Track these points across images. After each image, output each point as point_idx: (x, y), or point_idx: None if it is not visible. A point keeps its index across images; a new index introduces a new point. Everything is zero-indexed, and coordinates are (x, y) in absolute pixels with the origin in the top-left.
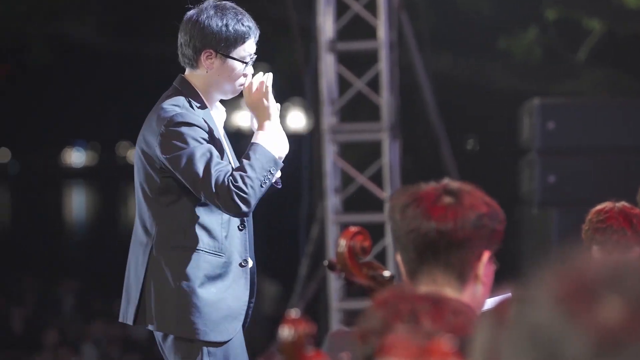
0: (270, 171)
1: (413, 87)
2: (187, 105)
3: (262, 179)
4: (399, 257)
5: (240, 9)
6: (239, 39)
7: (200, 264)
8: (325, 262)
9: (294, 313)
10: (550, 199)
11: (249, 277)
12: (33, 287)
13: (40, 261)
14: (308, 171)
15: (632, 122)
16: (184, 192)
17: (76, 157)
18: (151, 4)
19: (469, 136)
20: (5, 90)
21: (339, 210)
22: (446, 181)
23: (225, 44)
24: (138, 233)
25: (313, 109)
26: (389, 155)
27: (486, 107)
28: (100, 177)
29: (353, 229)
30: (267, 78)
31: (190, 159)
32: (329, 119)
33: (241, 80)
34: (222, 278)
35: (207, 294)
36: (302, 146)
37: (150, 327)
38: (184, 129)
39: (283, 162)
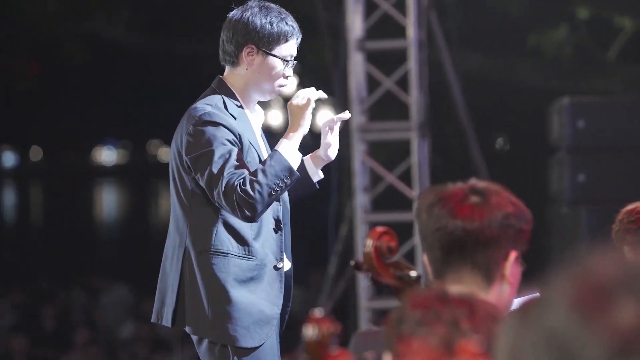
0: (283, 179)
1: (442, 86)
2: (221, 104)
3: (274, 186)
4: (425, 258)
5: (284, 10)
6: (282, 37)
7: (229, 268)
8: (352, 263)
9: (318, 312)
10: (580, 197)
11: (284, 280)
12: (64, 285)
13: (72, 259)
14: (337, 170)
15: None
16: None
17: (107, 155)
18: (182, 3)
19: (499, 135)
20: (36, 89)
21: (367, 209)
22: (473, 181)
23: (267, 41)
24: (172, 234)
25: (342, 108)
26: (418, 154)
27: (516, 105)
28: (131, 176)
29: (379, 229)
30: (317, 95)
31: (209, 159)
32: (357, 118)
33: (281, 81)
34: (255, 281)
35: (238, 298)
36: None
37: (187, 330)
38: (208, 129)
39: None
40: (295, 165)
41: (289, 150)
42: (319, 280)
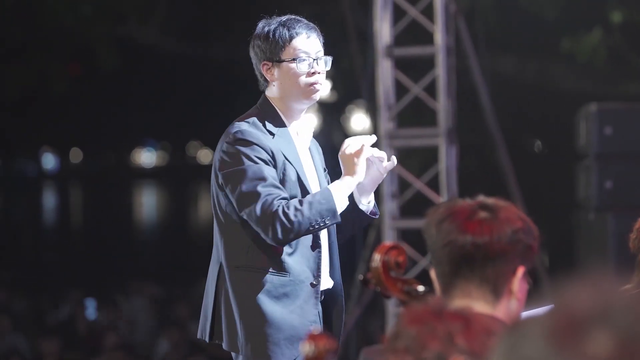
0: (324, 220)
1: (472, 91)
2: (258, 122)
3: (314, 223)
4: (433, 273)
5: (291, 16)
6: (284, 40)
7: (262, 284)
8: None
9: (315, 329)
10: (607, 204)
11: (319, 297)
12: (99, 289)
13: (109, 262)
14: None
15: None
16: None
17: (146, 157)
18: (216, 7)
19: (533, 138)
20: (76, 91)
21: (395, 215)
22: (481, 197)
23: (274, 51)
24: (214, 249)
25: (370, 114)
26: (446, 160)
27: (550, 109)
28: (170, 177)
29: (387, 243)
30: (369, 140)
31: (240, 177)
32: (385, 125)
33: (306, 80)
34: (288, 297)
35: (270, 314)
36: None
37: (223, 345)
38: (241, 147)
39: None
40: (339, 209)
41: (340, 192)
42: (347, 287)
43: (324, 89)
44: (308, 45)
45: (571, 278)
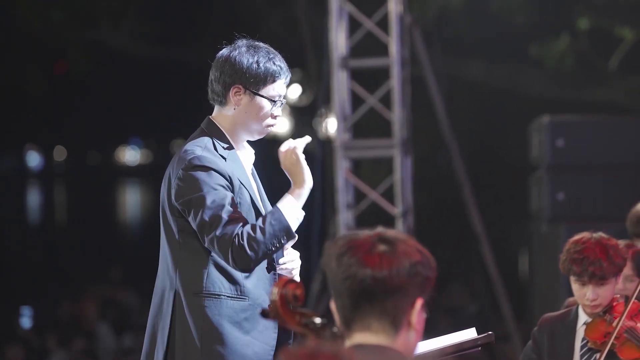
0: (280, 240)
1: (428, 102)
2: (211, 146)
3: (270, 246)
4: (333, 305)
5: (273, 49)
6: (269, 77)
7: (222, 310)
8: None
9: None
10: (560, 215)
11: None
12: (75, 291)
13: (92, 262)
14: (320, 187)
15: None
16: None
17: (130, 155)
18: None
19: (499, 143)
20: (60, 90)
21: (351, 225)
22: (380, 229)
23: (254, 81)
24: (161, 276)
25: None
26: (401, 171)
27: (518, 114)
28: (154, 176)
29: (285, 277)
30: (302, 143)
31: (200, 205)
32: (341, 136)
33: (269, 121)
34: (249, 322)
35: (232, 340)
36: (314, 162)
37: None
38: (199, 173)
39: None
40: (294, 225)
41: (291, 208)
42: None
43: (278, 126)
44: (283, 88)
45: None
